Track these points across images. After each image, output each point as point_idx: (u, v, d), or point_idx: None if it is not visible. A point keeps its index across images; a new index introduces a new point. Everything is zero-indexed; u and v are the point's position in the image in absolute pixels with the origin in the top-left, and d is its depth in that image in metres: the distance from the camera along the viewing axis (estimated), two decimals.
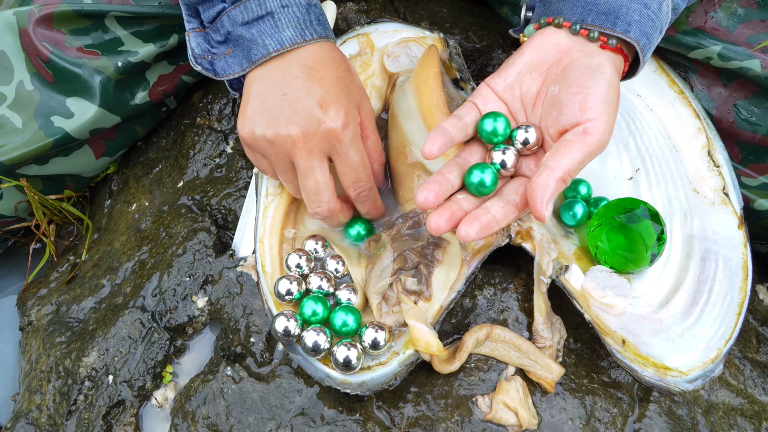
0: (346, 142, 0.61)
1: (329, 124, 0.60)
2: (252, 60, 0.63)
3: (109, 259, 0.83)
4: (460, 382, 0.65)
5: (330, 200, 0.63)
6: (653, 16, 0.58)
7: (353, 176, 0.63)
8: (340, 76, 0.63)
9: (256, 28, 0.62)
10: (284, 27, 0.62)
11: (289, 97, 0.61)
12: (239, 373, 0.68)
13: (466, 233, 0.53)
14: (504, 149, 0.58)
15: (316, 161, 0.61)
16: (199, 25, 0.67)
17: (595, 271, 0.67)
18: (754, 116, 0.72)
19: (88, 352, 0.73)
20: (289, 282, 0.65)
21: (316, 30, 0.63)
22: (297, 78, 0.61)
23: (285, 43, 0.62)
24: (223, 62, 0.65)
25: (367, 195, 0.65)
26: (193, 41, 0.66)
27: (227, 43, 0.64)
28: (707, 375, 0.63)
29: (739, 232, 0.70)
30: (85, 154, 0.84)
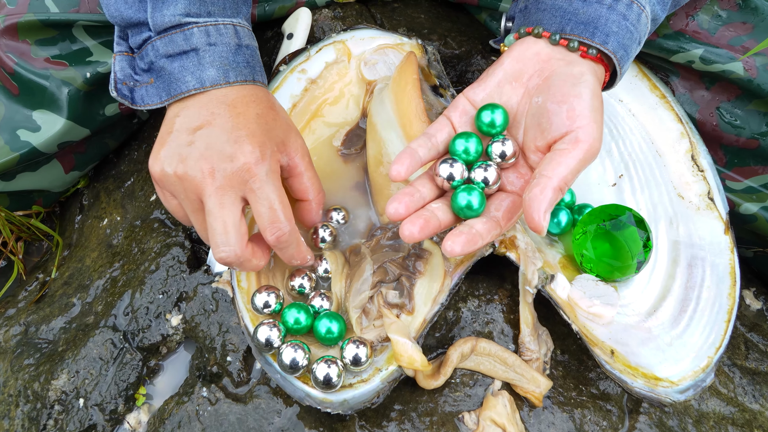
0: (261, 178, 0.56)
1: (242, 159, 0.56)
2: (171, 94, 0.60)
3: (80, 276, 0.81)
4: (446, 399, 0.64)
5: (236, 244, 0.56)
6: (632, 27, 0.58)
7: (269, 216, 0.57)
8: (259, 112, 0.59)
9: (178, 63, 0.60)
10: (207, 66, 0.60)
11: (202, 133, 0.58)
12: (215, 394, 0.66)
13: (452, 248, 0.52)
14: (485, 166, 0.57)
15: (226, 199, 0.56)
16: (128, 49, 0.65)
17: (581, 280, 0.66)
18: (738, 119, 0.73)
19: (58, 375, 0.71)
20: (267, 294, 0.63)
21: (242, 72, 0.61)
22: (213, 114, 0.58)
23: (206, 83, 0.59)
24: (144, 91, 0.62)
25: (286, 240, 0.58)
26: (117, 65, 0.64)
27: (150, 72, 0.62)
28: (698, 385, 0.62)
29: (725, 237, 0.69)
30: (54, 169, 0.83)
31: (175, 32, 0.60)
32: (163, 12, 0.60)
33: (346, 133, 0.73)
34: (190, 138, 0.57)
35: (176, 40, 0.60)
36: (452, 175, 0.55)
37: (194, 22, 0.60)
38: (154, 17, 0.60)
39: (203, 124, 0.58)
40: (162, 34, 0.60)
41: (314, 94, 0.73)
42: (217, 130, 0.57)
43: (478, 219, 0.55)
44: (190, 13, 0.60)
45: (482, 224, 0.54)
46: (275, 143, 0.59)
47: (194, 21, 0.60)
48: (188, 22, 0.60)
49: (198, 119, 0.58)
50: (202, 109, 0.59)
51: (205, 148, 0.56)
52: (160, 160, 0.58)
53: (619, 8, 0.57)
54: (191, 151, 0.57)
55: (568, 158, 0.53)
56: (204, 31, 0.60)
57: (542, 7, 0.60)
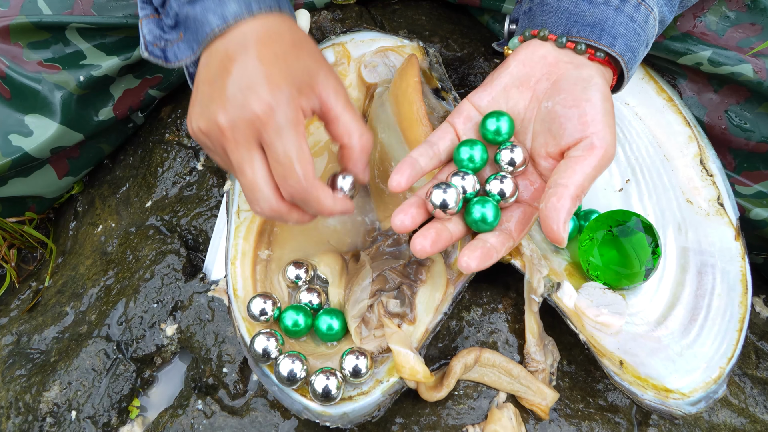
0: (272, 128, 0.52)
1: (252, 107, 0.52)
2: (199, 41, 0.57)
3: (74, 284, 0.80)
4: (449, 411, 0.63)
5: (268, 198, 0.53)
6: (639, 29, 0.57)
7: (280, 172, 0.52)
8: (278, 52, 0.54)
9: (200, 5, 0.56)
10: (228, 0, 0.55)
11: (221, 82, 0.54)
12: (211, 406, 0.64)
13: (467, 264, 0.50)
14: (501, 177, 0.55)
15: (245, 153, 0.53)
16: (153, 11, 0.62)
17: (588, 288, 0.64)
18: (747, 122, 0.71)
19: (50, 386, 0.70)
20: (263, 301, 0.61)
21: (265, 1, 0.56)
22: (230, 59, 0.54)
23: (229, 19, 0.55)
24: (176, 48, 0.59)
25: (302, 198, 0.53)
26: (145, 28, 0.61)
27: (178, 27, 0.59)
28: (710, 396, 0.61)
29: (736, 243, 0.68)
30: (47, 174, 0.82)
31: None
32: None
33: None
34: (210, 90, 0.54)
35: None
36: (446, 202, 0.52)
37: None
38: None
39: (221, 72, 0.54)
40: None
41: None
42: (231, 78, 0.53)
43: (491, 233, 0.53)
44: None
45: (495, 238, 0.52)
46: (296, 86, 0.53)
47: None
48: None
49: (217, 67, 0.55)
50: (221, 55, 0.55)
51: (219, 98, 0.53)
52: (190, 119, 0.56)
53: (627, 10, 0.56)
54: (210, 104, 0.54)
55: (584, 165, 0.51)
56: None
57: (547, 9, 0.59)
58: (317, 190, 0.53)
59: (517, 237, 0.53)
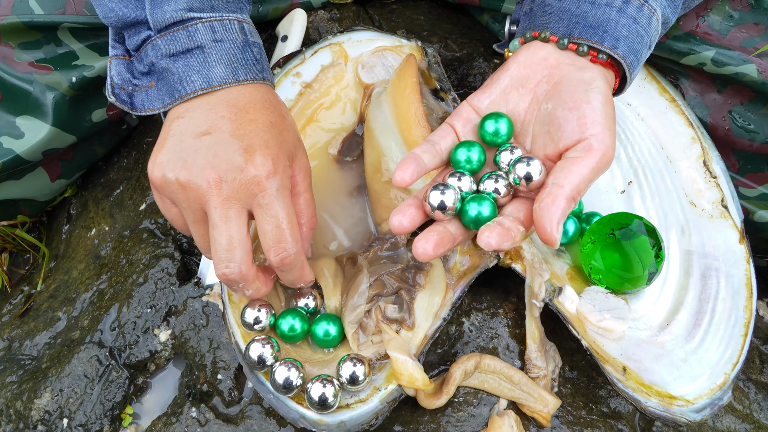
0: (271, 193, 0.53)
1: (252, 171, 0.53)
2: (175, 96, 0.57)
3: (66, 289, 0.79)
4: (449, 419, 0.62)
5: (243, 261, 0.53)
6: (642, 31, 0.56)
7: (276, 235, 0.53)
8: (273, 121, 0.56)
9: (182, 62, 0.56)
10: (215, 64, 0.56)
11: (210, 138, 0.54)
12: (205, 414, 0.63)
13: (488, 241, 0.48)
14: (496, 177, 0.53)
15: (232, 212, 0.53)
16: (124, 53, 0.61)
17: (590, 293, 0.64)
18: (752, 123, 0.71)
19: (41, 393, 0.69)
20: (257, 309, 0.60)
21: (252, 70, 0.58)
22: (223, 118, 0.55)
23: (213, 82, 0.56)
24: (144, 96, 0.59)
25: (291, 262, 0.54)
26: (113, 69, 0.60)
27: (151, 75, 0.59)
28: (715, 403, 0.60)
29: (740, 246, 0.67)
30: (39, 177, 0.81)
31: (178, 29, 0.56)
32: (163, 8, 0.56)
33: (342, 140, 0.71)
34: (195, 143, 0.54)
35: (179, 38, 0.56)
36: (444, 203, 0.51)
37: (198, 17, 0.57)
38: (153, 14, 0.57)
39: (210, 129, 0.54)
40: (163, 32, 0.57)
41: (309, 98, 0.71)
42: (226, 137, 0.54)
43: (504, 218, 0.51)
44: (192, 8, 0.57)
45: (510, 221, 0.51)
46: (286, 157, 0.55)
47: (198, 16, 0.57)
48: (191, 17, 0.57)
49: (205, 123, 0.55)
50: (210, 113, 0.55)
51: (212, 155, 0.53)
52: (160, 165, 0.55)
53: (629, 11, 0.55)
54: (197, 157, 0.53)
55: (581, 166, 0.50)
56: (209, 26, 0.57)
57: (548, 10, 0.58)
58: (302, 256, 0.56)
59: (528, 227, 0.52)
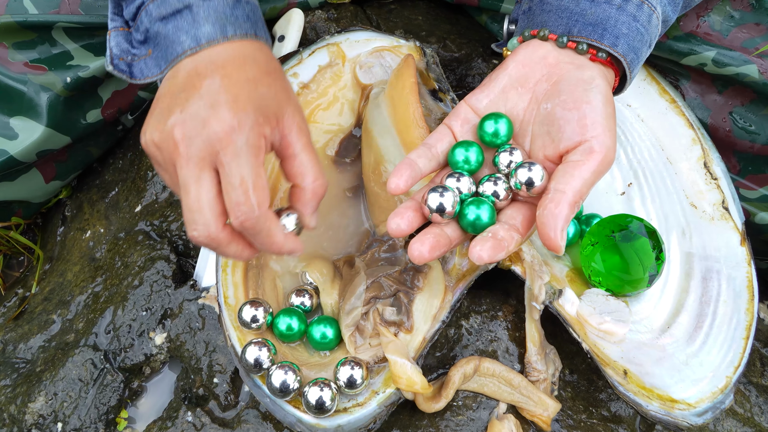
0: (232, 150, 0.50)
1: (214, 127, 0.50)
2: (168, 60, 0.56)
3: (61, 291, 0.78)
4: (447, 423, 0.61)
5: (209, 223, 0.50)
6: (642, 29, 0.55)
7: (233, 197, 0.50)
8: (251, 77, 0.53)
9: (172, 24, 0.55)
10: (203, 22, 0.54)
11: (183, 96, 0.52)
12: (201, 418, 0.63)
13: (479, 255, 0.48)
14: (495, 179, 0.53)
15: (196, 171, 0.50)
16: (123, 24, 0.60)
17: (590, 295, 0.63)
18: (753, 124, 0.70)
19: (35, 397, 0.69)
20: (255, 308, 0.59)
21: (242, 26, 0.56)
22: (200, 76, 0.53)
23: (201, 40, 0.54)
24: (143, 64, 0.58)
25: (252, 226, 0.50)
26: (112, 40, 0.59)
27: (147, 43, 0.58)
28: (717, 407, 0.59)
29: (741, 249, 0.67)
30: (34, 178, 0.80)
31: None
32: None
33: (340, 142, 0.71)
34: (171, 102, 0.53)
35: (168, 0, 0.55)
36: (443, 206, 0.51)
37: None
38: None
39: (187, 87, 0.53)
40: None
41: (307, 99, 0.71)
42: (196, 94, 0.52)
43: (500, 226, 0.51)
44: None
45: (505, 231, 0.50)
46: (263, 114, 0.52)
47: None
48: None
49: (183, 81, 0.53)
50: (191, 72, 0.54)
51: (181, 112, 0.51)
52: (144, 130, 0.54)
53: (629, 9, 0.55)
54: (168, 116, 0.52)
55: (583, 170, 0.49)
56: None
57: (547, 9, 0.58)
58: (270, 222, 0.51)
59: (525, 233, 0.51)
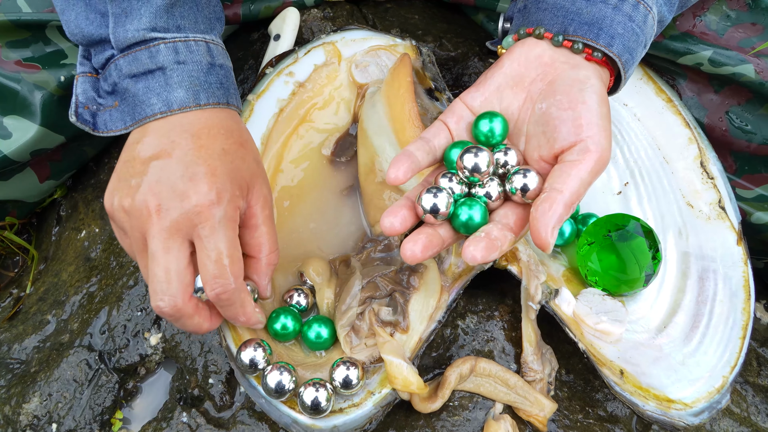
0: (212, 224, 0.50)
1: (194, 200, 0.50)
2: (136, 119, 0.55)
3: (56, 291, 0.78)
4: (443, 423, 0.61)
5: (176, 294, 0.50)
6: (638, 29, 0.55)
7: (212, 270, 0.50)
8: (226, 148, 0.53)
9: (143, 83, 0.55)
10: (176, 86, 0.54)
11: (156, 164, 0.52)
12: (196, 419, 0.62)
13: (473, 255, 0.48)
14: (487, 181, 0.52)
15: (171, 242, 0.50)
16: (91, 70, 0.60)
17: (587, 295, 0.63)
18: (749, 124, 0.70)
19: (30, 398, 0.68)
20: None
21: (215, 94, 0.56)
22: (173, 144, 0.53)
23: (173, 105, 0.54)
24: (107, 116, 0.58)
25: (229, 298, 0.52)
26: (79, 87, 0.59)
27: (114, 94, 0.57)
28: (713, 407, 0.59)
29: (738, 248, 0.67)
30: (28, 178, 0.79)
31: (140, 49, 0.55)
32: (126, 27, 0.55)
33: (336, 141, 0.70)
34: (142, 168, 0.52)
35: (140, 58, 0.55)
36: (436, 206, 0.50)
37: (161, 37, 0.55)
38: (116, 33, 0.55)
39: (160, 154, 0.52)
40: (125, 52, 0.56)
41: (302, 98, 0.70)
42: (173, 163, 0.52)
43: (493, 225, 0.51)
44: (156, 28, 0.55)
45: (498, 231, 0.50)
46: (237, 186, 0.53)
47: (161, 36, 0.55)
48: (154, 37, 0.55)
49: (155, 148, 0.53)
50: (162, 137, 0.53)
51: (156, 181, 0.51)
52: (110, 192, 0.53)
53: (625, 9, 0.54)
54: (141, 183, 0.52)
55: (579, 170, 0.49)
56: (172, 47, 0.55)
57: (543, 7, 0.57)
58: (244, 294, 0.53)
59: (518, 232, 0.51)
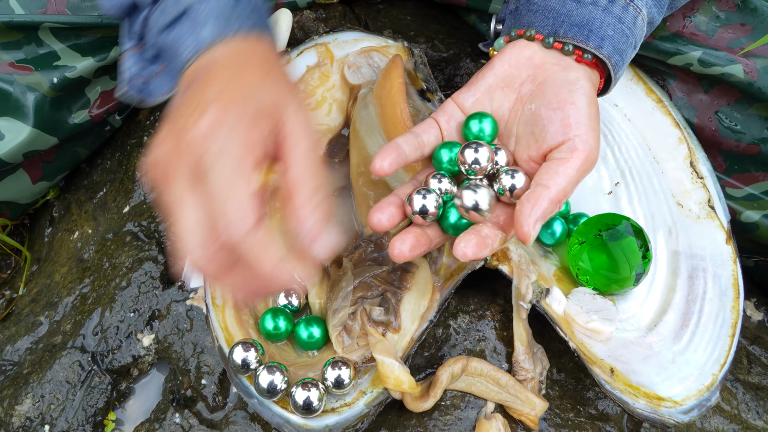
0: (209, 158, 0.42)
1: (192, 131, 0.44)
2: (175, 74, 0.53)
3: (49, 293, 0.78)
4: (435, 422, 0.61)
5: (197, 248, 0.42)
6: (627, 31, 0.55)
7: (209, 211, 0.42)
8: (245, 78, 0.48)
9: (175, 32, 0.52)
10: (203, 23, 0.51)
11: (177, 113, 0.48)
12: (189, 420, 0.62)
13: (464, 251, 0.47)
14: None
15: (178, 190, 0.43)
16: (135, 43, 0.58)
17: (578, 294, 0.63)
18: (738, 124, 0.70)
19: (22, 400, 0.68)
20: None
21: (248, 20, 0.51)
22: (193, 82, 0.49)
23: (204, 43, 0.51)
24: (157, 82, 0.56)
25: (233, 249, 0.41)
26: (125, 63, 0.57)
27: (159, 57, 0.56)
28: (703, 404, 0.60)
29: (727, 247, 0.67)
30: (21, 179, 0.79)
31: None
32: None
33: (328, 142, 0.70)
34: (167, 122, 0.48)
35: (167, 9, 0.53)
36: (425, 208, 0.50)
37: None
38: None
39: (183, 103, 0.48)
40: (155, 5, 0.54)
41: None
42: (187, 102, 0.48)
43: (484, 224, 0.51)
44: None
45: (489, 229, 0.50)
46: (251, 116, 0.45)
47: None
48: None
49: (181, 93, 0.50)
50: (187, 80, 0.51)
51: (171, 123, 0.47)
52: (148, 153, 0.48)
53: (615, 11, 0.55)
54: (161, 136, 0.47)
55: (567, 168, 0.49)
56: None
57: (534, 9, 0.58)
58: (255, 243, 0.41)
59: (509, 230, 0.51)
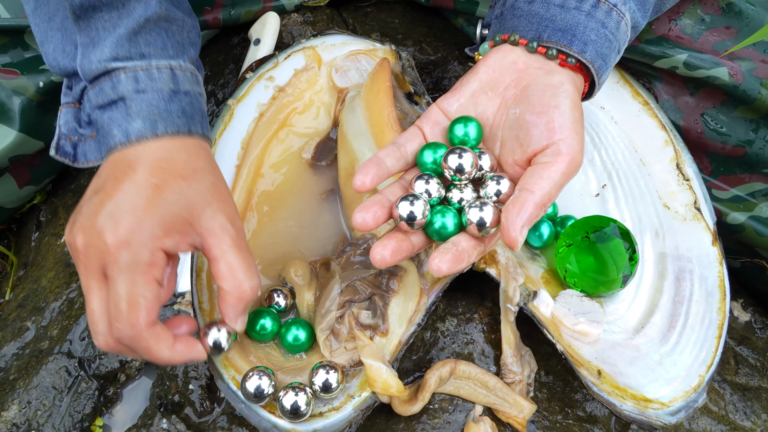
0: (117, 266, 0.49)
1: (104, 238, 0.49)
2: (103, 151, 0.55)
3: (35, 298, 0.77)
4: (424, 426, 0.61)
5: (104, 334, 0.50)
6: (610, 36, 0.56)
7: (112, 313, 0.49)
8: (160, 183, 0.51)
9: (108, 114, 0.54)
10: (134, 116, 0.53)
11: (95, 199, 0.51)
12: (176, 425, 0.62)
13: (438, 267, 0.48)
14: (462, 187, 0.53)
15: (91, 281, 0.50)
16: (74, 100, 0.60)
17: (565, 296, 0.63)
18: (724, 126, 0.71)
19: (8, 406, 0.67)
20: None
21: (175, 123, 0.54)
22: (114, 179, 0.52)
23: (131, 136, 0.53)
24: (87, 146, 0.58)
25: (129, 345, 0.50)
26: (62, 118, 0.59)
27: (92, 125, 0.57)
28: (690, 406, 0.60)
29: (713, 248, 0.67)
30: (7, 184, 0.79)
31: (104, 80, 0.54)
32: (90, 58, 0.54)
33: (316, 145, 0.70)
34: (86, 203, 0.52)
35: (105, 89, 0.54)
36: (413, 214, 0.50)
37: (122, 67, 0.54)
38: (82, 65, 0.55)
39: (99, 189, 0.52)
40: (93, 84, 0.55)
41: (283, 102, 0.70)
42: (107, 199, 0.51)
43: (462, 236, 0.51)
44: (118, 57, 0.54)
45: (467, 242, 0.50)
46: (164, 224, 0.50)
47: (122, 66, 0.54)
48: (115, 67, 0.54)
49: (98, 182, 0.53)
50: (107, 171, 0.53)
51: (87, 217, 0.51)
52: (68, 227, 0.53)
53: (598, 15, 0.55)
54: (78, 218, 0.51)
55: (552, 172, 0.49)
56: (132, 77, 0.54)
57: (518, 14, 0.58)
58: (147, 340, 0.49)
59: (489, 243, 0.52)
